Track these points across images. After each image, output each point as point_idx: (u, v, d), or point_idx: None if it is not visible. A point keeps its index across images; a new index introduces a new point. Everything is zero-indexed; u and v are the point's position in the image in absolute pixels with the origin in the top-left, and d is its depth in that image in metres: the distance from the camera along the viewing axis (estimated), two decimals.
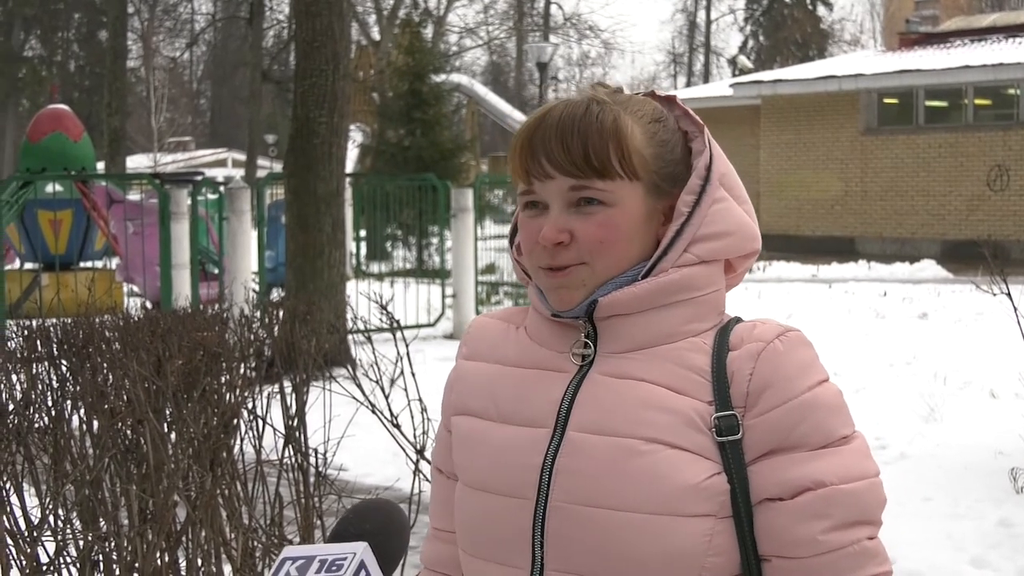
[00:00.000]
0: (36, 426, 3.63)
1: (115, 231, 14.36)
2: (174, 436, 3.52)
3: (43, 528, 3.08)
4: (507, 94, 49.97)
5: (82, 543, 3.18)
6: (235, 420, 3.74)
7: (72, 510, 3.32)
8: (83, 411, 3.71)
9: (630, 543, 1.35)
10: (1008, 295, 5.86)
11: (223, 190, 13.30)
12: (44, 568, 3.08)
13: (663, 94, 1.51)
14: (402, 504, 1.51)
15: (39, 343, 4.25)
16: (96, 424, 3.56)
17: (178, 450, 3.38)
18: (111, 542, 3.19)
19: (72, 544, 3.20)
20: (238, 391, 3.84)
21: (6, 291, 11.83)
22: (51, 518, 3.14)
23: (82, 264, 15.68)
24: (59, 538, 3.12)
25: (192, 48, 55.96)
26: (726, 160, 1.48)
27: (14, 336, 4.47)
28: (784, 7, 55.70)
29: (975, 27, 27.54)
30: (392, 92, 25.46)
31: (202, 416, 3.60)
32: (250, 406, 3.84)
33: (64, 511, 3.25)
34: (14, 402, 3.66)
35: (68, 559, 3.17)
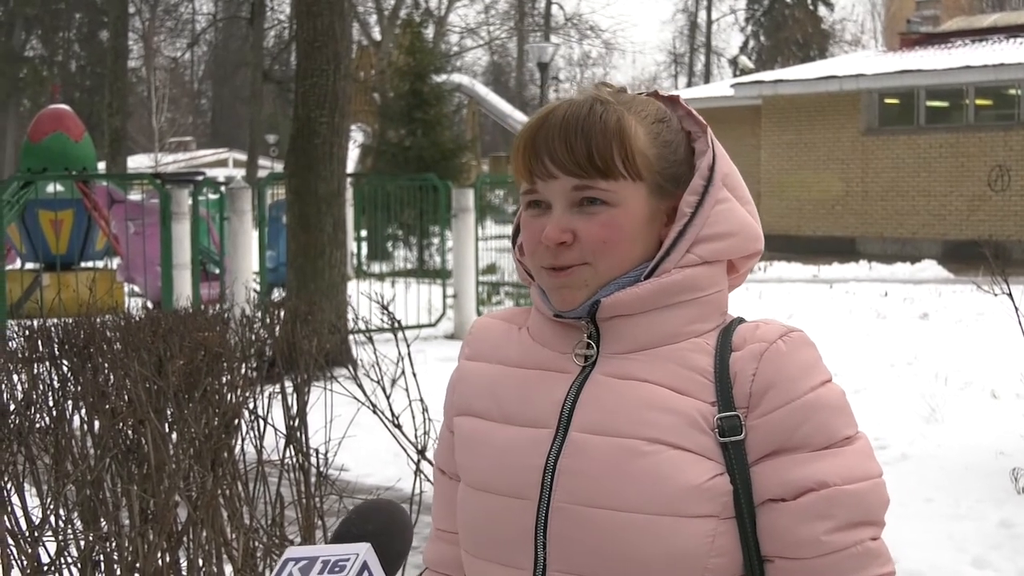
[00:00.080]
0: (37, 426, 3.62)
1: (116, 231, 14.36)
2: (175, 436, 3.52)
3: (44, 528, 3.08)
4: (508, 94, 49.96)
5: (83, 543, 3.18)
6: (236, 420, 3.74)
7: (73, 510, 3.31)
8: (84, 411, 3.71)
9: (633, 544, 1.35)
10: (1009, 295, 5.86)
11: (224, 190, 13.29)
12: (45, 568, 3.08)
13: (666, 94, 1.50)
14: (403, 504, 1.50)
15: (40, 343, 4.24)
16: (97, 424, 3.56)
17: (179, 450, 3.38)
18: (112, 542, 3.19)
19: (73, 544, 3.20)
20: (239, 391, 3.84)
21: (7, 291, 11.82)
22: (52, 518, 3.14)
23: (83, 264, 15.68)
24: (60, 538, 3.12)
25: (193, 48, 56.02)
26: (729, 160, 1.47)
27: (15, 336, 4.47)
28: (785, 7, 55.67)
29: (976, 27, 27.52)
30: (393, 92, 25.46)
31: (203, 416, 3.59)
32: (251, 406, 3.84)
33: (65, 511, 3.25)
34: (15, 402, 3.65)
35: (69, 559, 3.17)
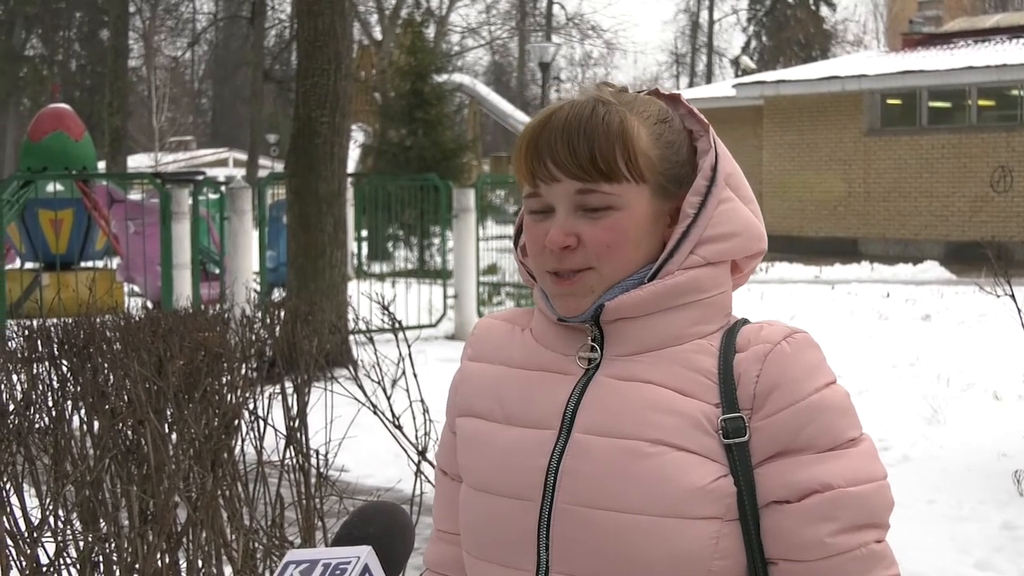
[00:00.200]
0: (36, 426, 3.61)
1: (116, 231, 14.35)
2: (175, 437, 3.51)
3: (43, 529, 3.08)
4: (509, 94, 49.97)
5: (82, 544, 3.18)
6: (236, 421, 3.73)
7: (72, 511, 3.31)
8: (84, 411, 3.70)
9: (636, 545, 1.34)
10: (1012, 296, 5.86)
11: (224, 190, 13.30)
12: (44, 569, 3.07)
13: (667, 92, 1.49)
14: (404, 505, 1.49)
15: (40, 343, 4.23)
16: (97, 424, 3.55)
17: (179, 451, 3.37)
18: (111, 543, 3.18)
19: (72, 545, 3.20)
20: (239, 392, 3.83)
21: (7, 291, 11.81)
22: (51, 519, 3.13)
23: (83, 264, 15.67)
24: (59, 539, 3.11)
25: (194, 47, 56.05)
26: (731, 159, 1.47)
27: (15, 336, 4.45)
28: (787, 7, 55.70)
29: (979, 28, 27.52)
30: (394, 92, 25.45)
31: (203, 417, 3.59)
32: (251, 407, 3.83)
33: (64, 512, 3.24)
34: (14, 402, 3.64)
35: (68, 560, 3.16)
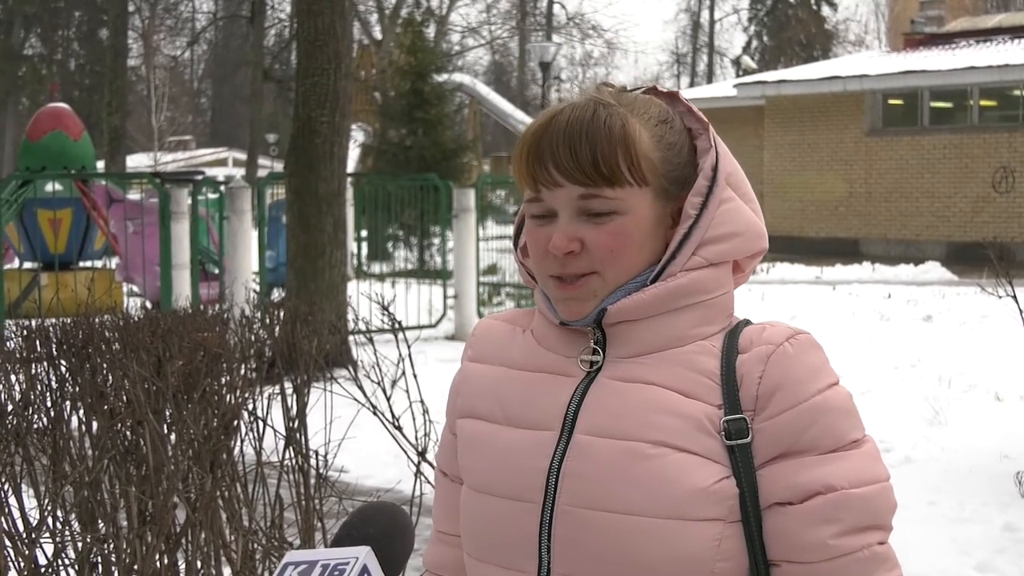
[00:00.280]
0: (35, 427, 3.60)
1: (115, 230, 14.35)
2: (174, 437, 3.50)
3: (42, 530, 3.07)
4: (509, 94, 49.99)
5: (81, 545, 3.17)
6: (235, 421, 3.72)
7: (71, 512, 3.30)
8: (82, 412, 3.69)
9: (638, 547, 1.34)
10: (1013, 297, 5.86)
11: (224, 189, 13.28)
12: (43, 570, 3.07)
13: (664, 90, 1.49)
14: (403, 506, 1.48)
15: (38, 343, 4.22)
16: (95, 425, 3.54)
17: (178, 451, 3.36)
18: (110, 544, 3.18)
19: (71, 546, 3.19)
20: (238, 392, 3.81)
21: (5, 291, 11.81)
22: (50, 520, 3.13)
23: (82, 264, 15.65)
24: (58, 540, 3.10)
25: (193, 47, 56.07)
26: (732, 158, 1.47)
27: (13, 336, 4.44)
28: (788, 7, 55.71)
29: (980, 28, 27.52)
30: (394, 91, 25.44)
31: (202, 417, 3.57)
32: (250, 407, 3.82)
33: (63, 512, 3.23)
34: (13, 403, 3.63)
35: (67, 561, 3.16)
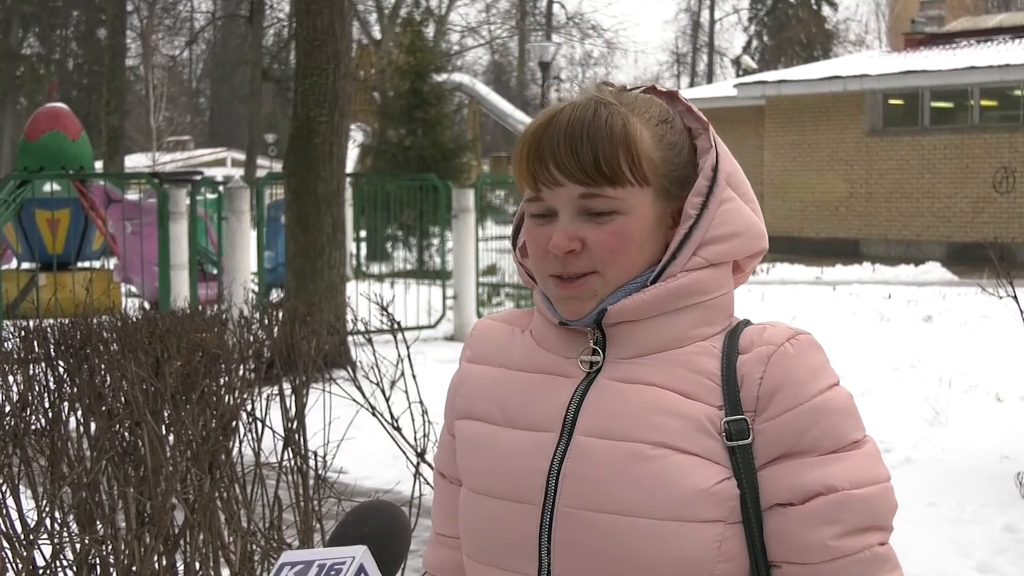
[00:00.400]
0: (33, 428, 3.59)
1: (113, 231, 14.34)
2: (172, 438, 3.49)
3: (39, 531, 3.06)
4: (509, 94, 49.99)
5: (79, 546, 3.16)
6: (234, 422, 3.71)
7: (69, 513, 3.30)
8: (80, 413, 3.68)
9: (638, 549, 1.33)
10: (1014, 298, 5.85)
11: (222, 190, 13.27)
12: (41, 571, 3.06)
13: (664, 90, 1.48)
14: (402, 507, 1.47)
15: (36, 344, 4.21)
16: (93, 426, 3.53)
17: (176, 452, 3.35)
18: (108, 545, 3.17)
19: (69, 547, 3.19)
20: (237, 393, 3.80)
21: (3, 291, 11.80)
22: (48, 521, 3.12)
23: (80, 264, 15.64)
24: (56, 541, 3.10)
25: (191, 46, 56.03)
26: (732, 158, 1.46)
27: (11, 337, 4.43)
28: (788, 7, 55.71)
29: (981, 28, 27.51)
30: (393, 91, 25.46)
31: (201, 418, 3.57)
32: (249, 408, 3.81)
33: (61, 514, 3.23)
34: (11, 403, 3.62)
35: (65, 562, 3.15)
